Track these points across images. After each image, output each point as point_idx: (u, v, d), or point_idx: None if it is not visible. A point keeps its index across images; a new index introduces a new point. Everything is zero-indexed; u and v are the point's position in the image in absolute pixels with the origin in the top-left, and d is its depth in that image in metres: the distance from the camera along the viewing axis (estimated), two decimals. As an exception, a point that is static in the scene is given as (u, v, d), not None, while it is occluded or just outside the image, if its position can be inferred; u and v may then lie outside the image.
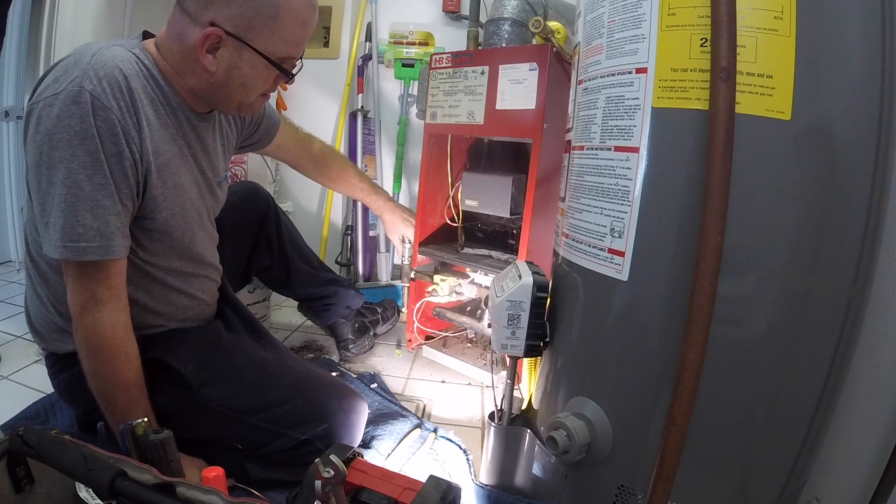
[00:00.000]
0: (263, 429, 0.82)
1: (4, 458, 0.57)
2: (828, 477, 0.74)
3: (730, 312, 0.59)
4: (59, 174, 0.66)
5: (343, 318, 1.40)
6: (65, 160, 0.66)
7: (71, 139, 0.66)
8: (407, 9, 1.97)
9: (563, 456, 0.70)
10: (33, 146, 0.67)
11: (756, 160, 0.57)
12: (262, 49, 0.74)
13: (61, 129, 0.66)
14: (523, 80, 1.15)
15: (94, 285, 0.71)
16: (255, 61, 0.74)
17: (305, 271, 1.34)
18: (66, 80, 0.67)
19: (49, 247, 0.69)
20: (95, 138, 0.67)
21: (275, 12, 0.72)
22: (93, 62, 0.68)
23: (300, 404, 0.84)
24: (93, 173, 0.67)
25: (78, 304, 0.71)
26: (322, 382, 0.90)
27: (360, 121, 2.01)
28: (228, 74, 0.75)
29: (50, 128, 0.66)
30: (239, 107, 0.81)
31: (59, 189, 0.67)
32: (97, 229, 0.68)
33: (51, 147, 0.66)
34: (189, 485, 0.53)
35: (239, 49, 0.73)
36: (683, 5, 0.59)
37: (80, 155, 0.66)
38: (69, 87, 0.66)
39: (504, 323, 0.77)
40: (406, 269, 1.48)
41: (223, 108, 0.83)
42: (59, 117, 0.66)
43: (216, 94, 0.78)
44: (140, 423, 0.67)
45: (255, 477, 0.84)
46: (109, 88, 0.68)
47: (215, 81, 0.76)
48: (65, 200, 0.67)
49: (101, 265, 0.70)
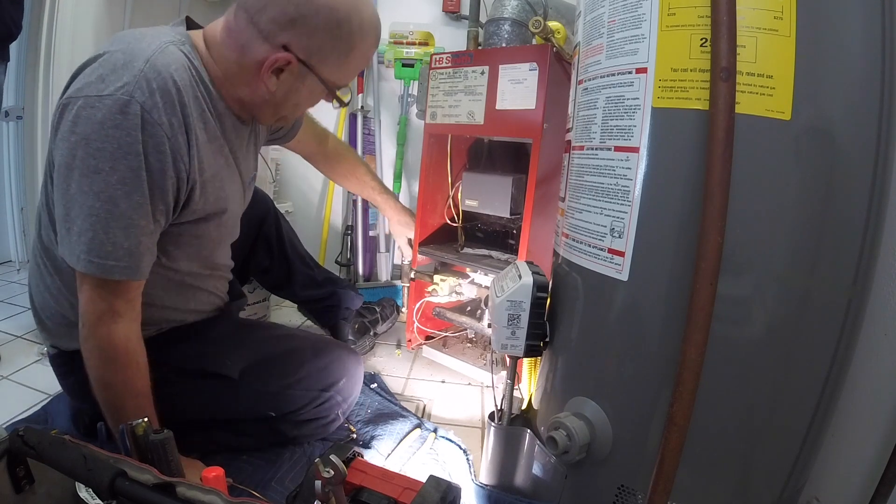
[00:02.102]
0: (300, 395, 0.92)
1: (4, 458, 0.57)
2: (828, 477, 0.74)
3: (730, 312, 0.59)
4: (95, 185, 0.62)
5: (343, 319, 1.41)
6: (103, 172, 0.62)
7: (114, 151, 0.62)
8: (407, 9, 1.97)
9: (563, 456, 0.70)
10: (66, 146, 0.63)
11: (756, 160, 0.57)
12: (326, 78, 0.74)
13: (104, 137, 0.62)
14: (523, 80, 1.15)
15: (114, 299, 0.68)
16: (315, 87, 0.75)
17: (305, 274, 1.35)
18: (115, 83, 0.62)
19: (70, 255, 0.66)
20: (140, 154, 0.63)
21: (349, 49, 0.73)
22: (146, 69, 0.64)
23: (323, 367, 0.96)
24: (131, 191, 0.64)
25: (94, 315, 0.68)
26: (332, 345, 1.04)
27: (360, 121, 2.01)
28: (286, 97, 0.75)
29: (89, 133, 0.62)
30: (278, 120, 0.82)
31: (91, 200, 0.63)
32: (127, 249, 0.65)
33: (88, 153, 0.62)
34: (189, 485, 0.53)
35: (304, 75, 0.73)
36: (683, 5, 0.59)
37: (121, 169, 0.63)
38: (118, 95, 0.62)
39: (504, 323, 0.77)
40: (406, 269, 1.49)
41: (265, 119, 0.82)
42: (103, 124, 0.62)
43: (266, 110, 0.78)
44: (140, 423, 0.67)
45: (291, 435, 0.94)
46: (162, 103, 0.64)
47: (269, 98, 0.75)
48: (97, 214, 0.63)
49: (125, 283, 0.68)
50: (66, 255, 0.68)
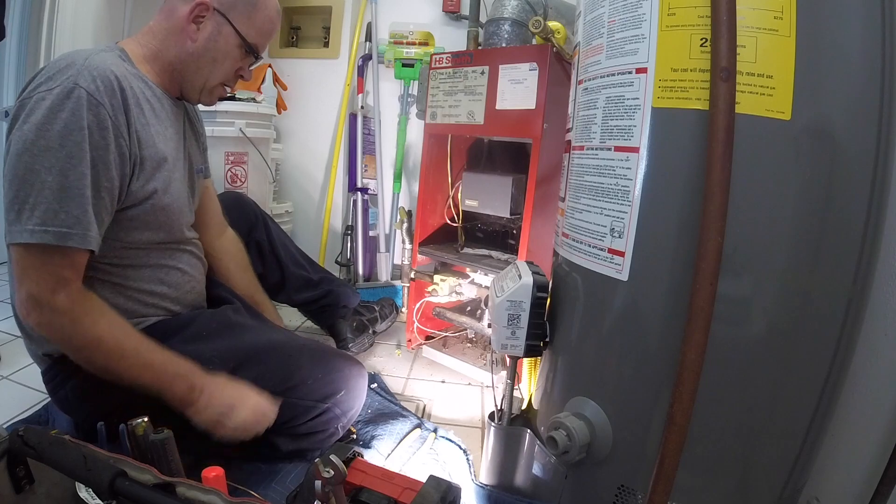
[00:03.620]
0: (295, 404, 0.88)
1: (4, 458, 0.57)
2: (828, 477, 0.74)
3: (730, 312, 0.59)
4: (46, 161, 0.68)
5: (341, 317, 1.40)
6: (53, 149, 0.68)
7: (61, 130, 0.68)
8: (407, 9, 1.98)
9: (563, 456, 0.70)
10: (19, 135, 0.68)
11: (756, 160, 0.57)
12: (238, 28, 0.85)
13: (52, 119, 0.68)
14: (523, 80, 1.15)
15: (63, 269, 0.71)
16: (230, 39, 0.85)
17: (300, 276, 1.34)
18: (61, 78, 0.69)
19: (20, 234, 0.68)
20: (84, 130, 0.69)
21: (254, 1, 0.85)
22: (87, 64, 0.71)
23: (320, 377, 0.91)
24: (78, 163, 0.69)
25: (47, 288, 0.70)
26: (332, 353, 0.98)
27: (360, 121, 2.01)
28: (206, 45, 0.84)
29: (40, 118, 0.68)
30: (202, 90, 0.89)
31: (43, 175, 0.68)
32: (76, 217, 0.70)
33: (38, 136, 0.68)
34: (189, 485, 0.53)
35: (220, 24, 0.84)
36: (683, 5, 0.59)
37: (69, 146, 0.68)
38: (64, 83, 0.69)
39: (504, 323, 0.77)
40: (406, 269, 1.48)
41: (190, 88, 0.88)
42: (51, 109, 0.68)
43: (189, 67, 0.85)
44: (140, 423, 0.67)
45: (286, 450, 0.91)
46: (103, 86, 0.72)
47: (193, 51, 0.84)
48: (50, 187, 0.68)
49: (75, 252, 0.71)
50: (15, 236, 0.69)
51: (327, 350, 1.00)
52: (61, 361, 0.82)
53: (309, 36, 2.21)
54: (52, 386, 0.85)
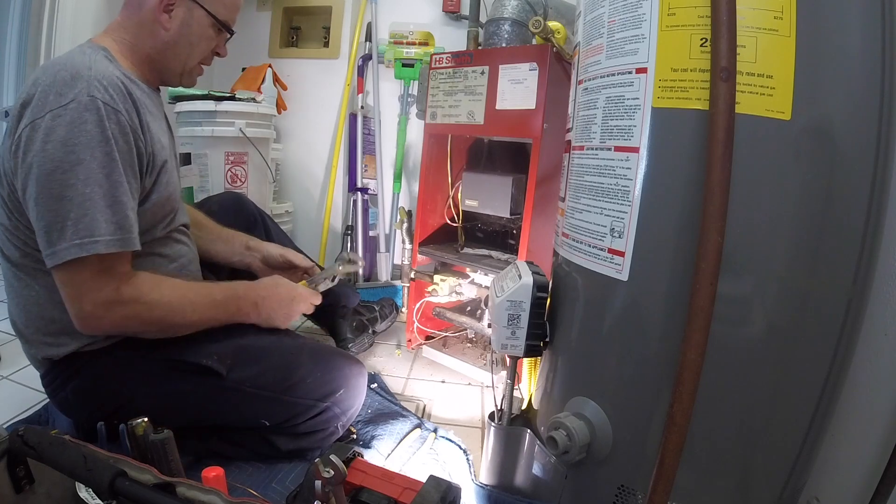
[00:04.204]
0: (294, 403, 0.89)
1: (4, 458, 0.57)
2: (828, 477, 0.74)
3: (730, 312, 0.59)
4: (81, 174, 0.69)
5: (341, 317, 1.40)
6: (84, 161, 0.69)
7: (88, 142, 0.69)
8: (407, 9, 1.98)
9: (563, 456, 0.70)
10: (44, 156, 0.68)
11: (756, 160, 0.57)
12: (209, 9, 0.86)
13: (77, 133, 0.69)
14: (523, 80, 1.15)
15: (117, 270, 0.74)
16: (203, 20, 0.86)
17: None
18: (72, 91, 0.70)
19: (69, 248, 0.69)
20: (111, 140, 0.71)
21: None
22: (94, 74, 0.72)
23: (320, 376, 0.91)
24: (110, 171, 0.71)
25: (111, 290, 0.74)
26: (331, 352, 0.99)
27: (360, 121, 2.01)
28: (180, 31, 0.85)
29: (64, 135, 0.68)
30: (182, 73, 0.90)
31: (80, 188, 0.69)
32: (117, 223, 0.72)
33: (67, 151, 0.68)
34: (189, 485, 0.53)
35: (191, 9, 0.84)
36: (683, 5, 0.59)
37: (99, 156, 0.70)
38: (79, 97, 0.69)
39: (504, 323, 0.77)
40: (406, 269, 1.48)
41: (170, 75, 0.89)
42: (73, 124, 0.69)
43: (167, 55, 0.86)
44: (140, 422, 0.67)
45: (286, 449, 0.91)
46: (116, 95, 0.73)
47: (169, 39, 0.84)
48: (90, 198, 0.69)
49: (120, 256, 0.74)
50: (63, 254, 0.69)
51: (327, 349, 1.00)
52: (61, 364, 0.82)
53: (309, 36, 2.21)
54: (52, 389, 0.85)
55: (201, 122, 1.56)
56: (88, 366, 0.81)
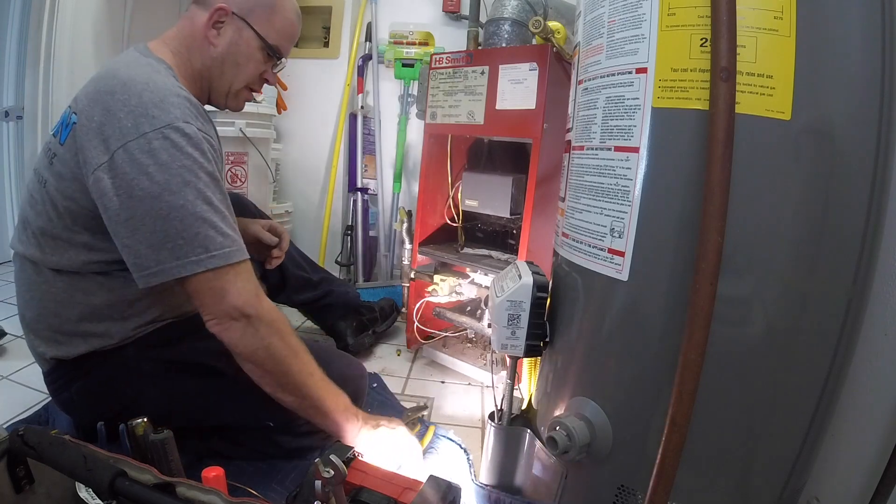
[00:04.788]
0: None
1: (4, 458, 0.57)
2: (828, 477, 0.74)
3: (730, 312, 0.59)
4: (190, 194, 0.71)
5: (341, 317, 1.40)
6: (191, 182, 0.71)
7: (192, 164, 0.71)
8: (407, 9, 1.98)
9: (563, 456, 0.70)
10: (146, 180, 0.69)
11: (756, 160, 0.57)
12: (258, 30, 0.85)
13: (181, 156, 0.71)
14: (523, 80, 1.15)
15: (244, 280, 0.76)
16: (251, 42, 0.86)
17: (299, 277, 1.34)
18: (165, 117, 0.71)
19: (183, 267, 0.70)
20: (211, 161, 0.74)
21: (272, 4, 0.86)
22: (180, 101, 0.74)
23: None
24: (215, 190, 0.74)
25: (251, 296, 0.75)
26: (335, 354, 1.00)
27: (360, 121, 2.01)
28: (227, 50, 0.85)
29: (167, 159, 0.70)
30: (227, 94, 0.90)
31: (191, 208, 0.71)
32: (231, 236, 0.75)
33: (172, 174, 0.70)
34: (189, 485, 0.53)
35: (240, 28, 0.85)
36: (683, 5, 0.59)
37: (203, 177, 0.72)
38: (175, 124, 0.71)
39: (504, 323, 0.77)
40: (406, 269, 1.49)
41: (216, 94, 0.90)
42: (176, 147, 0.71)
43: (214, 72, 0.87)
44: (140, 422, 0.67)
45: (289, 447, 0.92)
46: (202, 119, 0.77)
47: (217, 55, 0.85)
48: (203, 216, 0.71)
49: (244, 264, 0.76)
50: (177, 269, 0.71)
51: (328, 350, 1.01)
52: (67, 364, 0.82)
53: (309, 36, 2.21)
54: (55, 387, 0.85)
55: (201, 122, 1.56)
56: (95, 367, 0.82)
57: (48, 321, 0.81)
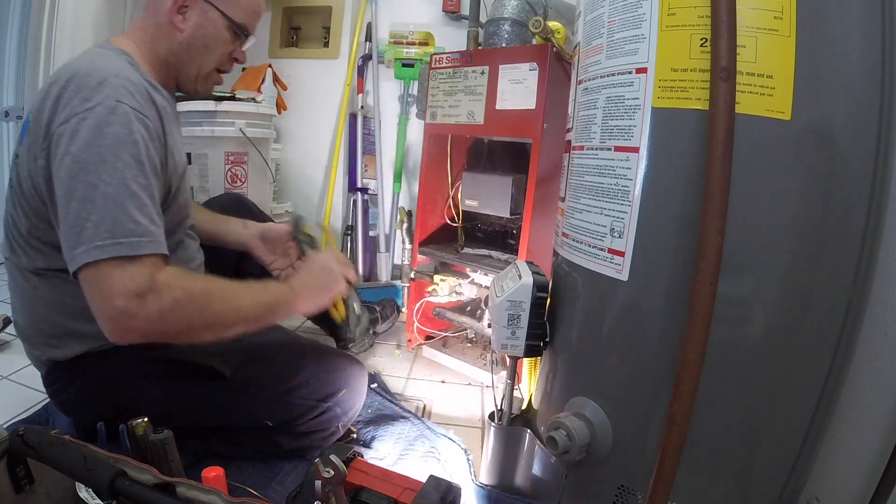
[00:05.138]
0: (297, 403, 0.89)
1: (4, 458, 0.57)
2: (828, 477, 0.74)
3: (730, 312, 0.59)
4: (105, 175, 0.67)
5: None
6: (109, 162, 0.67)
7: (114, 143, 0.68)
8: (407, 9, 1.98)
9: (563, 456, 0.70)
10: (70, 159, 0.67)
11: (756, 160, 0.57)
12: (224, 10, 0.84)
13: (103, 135, 0.67)
14: (523, 80, 1.15)
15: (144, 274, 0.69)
16: (218, 23, 0.85)
17: None
18: (98, 96, 0.69)
19: (89, 250, 0.65)
20: (138, 143, 0.70)
21: None
22: (120, 81, 0.71)
23: (322, 376, 0.92)
24: (137, 174, 0.69)
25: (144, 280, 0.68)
26: (332, 353, 1.00)
27: (360, 121, 2.01)
28: (195, 34, 0.84)
29: (89, 137, 0.67)
30: (197, 77, 0.88)
31: (104, 189, 0.66)
32: (146, 226, 0.69)
33: (91, 153, 0.67)
34: (189, 485, 0.53)
35: (205, 10, 0.83)
36: (683, 5, 0.59)
37: (124, 157, 0.68)
38: (105, 102, 0.69)
39: (504, 323, 0.77)
40: (406, 269, 1.48)
41: (185, 79, 0.88)
42: (100, 126, 0.68)
43: (182, 58, 0.85)
44: (140, 422, 0.67)
45: (288, 448, 0.92)
46: (143, 101, 0.73)
47: (183, 40, 0.83)
48: (114, 198, 0.67)
49: (151, 258, 0.70)
50: (83, 256, 0.66)
51: (328, 350, 1.01)
52: (65, 365, 0.81)
53: (309, 36, 2.21)
54: (53, 389, 0.85)
55: (201, 122, 1.56)
56: (92, 367, 0.81)
57: (40, 326, 0.80)
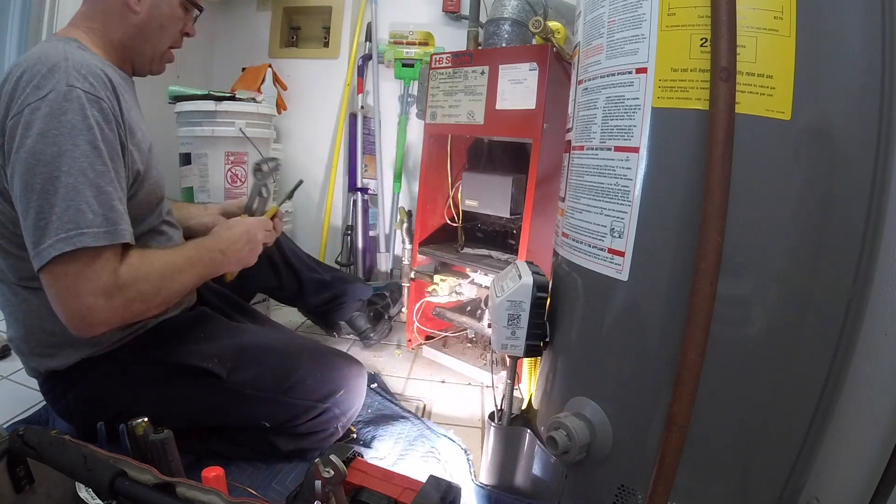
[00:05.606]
0: (294, 404, 0.89)
1: (4, 458, 0.57)
2: (828, 477, 0.74)
3: (730, 312, 0.59)
4: (64, 165, 0.65)
5: (357, 310, 1.43)
6: (67, 151, 0.65)
7: (70, 131, 0.66)
8: (407, 9, 1.98)
9: (563, 456, 0.70)
10: (25, 152, 0.65)
11: (756, 160, 0.57)
12: None
13: (57, 124, 0.65)
14: (523, 80, 1.15)
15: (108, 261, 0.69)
16: (172, 0, 0.84)
17: (315, 280, 1.36)
18: (49, 83, 0.67)
19: (56, 244, 0.64)
20: (93, 128, 0.68)
21: None
22: (70, 64, 0.69)
23: (319, 376, 0.91)
24: (95, 161, 0.67)
25: (108, 277, 0.68)
26: (331, 353, 0.99)
27: (360, 121, 2.01)
28: (150, 14, 0.83)
29: (42, 127, 0.65)
30: (153, 58, 0.87)
31: (63, 180, 0.65)
32: (104, 215, 0.68)
33: (47, 143, 0.65)
34: (189, 485, 0.53)
35: None
36: (683, 5, 0.59)
37: (81, 144, 0.66)
38: (57, 87, 0.66)
39: (504, 323, 0.77)
40: (406, 269, 1.49)
41: (141, 60, 0.87)
42: (53, 114, 0.65)
43: (138, 39, 0.84)
44: (140, 423, 0.67)
45: (286, 449, 0.91)
46: (96, 82, 0.70)
47: (139, 23, 0.82)
48: (74, 188, 0.65)
49: (112, 248, 0.69)
50: (50, 251, 0.65)
51: (326, 350, 1.00)
52: (62, 373, 0.81)
53: (309, 36, 2.21)
54: (51, 397, 0.85)
55: (201, 122, 1.56)
56: (89, 373, 0.81)
57: (36, 338, 0.80)
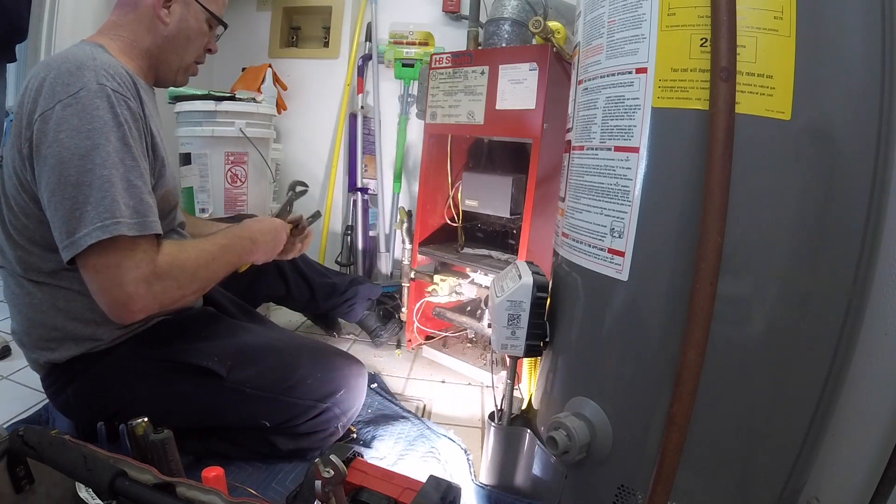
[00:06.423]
0: (294, 404, 0.89)
1: (4, 458, 0.57)
2: (828, 477, 0.74)
3: (730, 312, 0.59)
4: (98, 158, 0.68)
5: (367, 310, 1.44)
6: (100, 145, 0.68)
7: (102, 126, 0.69)
8: (407, 9, 1.98)
9: (563, 456, 0.70)
10: (58, 146, 0.68)
11: (756, 160, 0.57)
12: (204, 3, 0.88)
13: (91, 119, 0.68)
14: (523, 80, 1.15)
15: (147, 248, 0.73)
16: (199, 15, 0.88)
17: (325, 284, 1.37)
18: (79, 81, 0.69)
19: (92, 232, 0.67)
20: (123, 125, 0.71)
21: None
22: (98, 64, 0.72)
23: (320, 376, 0.91)
24: (124, 156, 0.71)
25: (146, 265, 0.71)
26: (331, 352, 0.99)
27: (360, 121, 2.01)
28: (178, 26, 0.86)
29: (77, 123, 0.68)
30: (178, 70, 0.91)
31: (98, 172, 0.68)
32: (133, 207, 0.71)
33: (82, 137, 0.68)
34: (189, 485, 0.53)
35: (188, 4, 0.87)
36: (683, 5, 0.59)
37: (113, 140, 0.70)
38: (88, 85, 0.69)
39: (504, 323, 0.77)
40: (406, 269, 1.49)
41: (167, 71, 0.90)
42: (86, 110, 0.68)
43: (166, 50, 0.87)
44: (140, 423, 0.67)
45: (286, 449, 0.91)
46: (123, 83, 0.74)
47: (168, 34, 0.86)
48: (108, 181, 0.68)
49: (143, 241, 0.72)
50: (82, 240, 0.67)
51: (327, 349, 1.00)
52: (63, 366, 0.82)
53: (309, 36, 2.21)
54: (52, 391, 0.85)
55: (201, 122, 1.56)
56: (90, 368, 0.81)
57: (37, 331, 0.80)
